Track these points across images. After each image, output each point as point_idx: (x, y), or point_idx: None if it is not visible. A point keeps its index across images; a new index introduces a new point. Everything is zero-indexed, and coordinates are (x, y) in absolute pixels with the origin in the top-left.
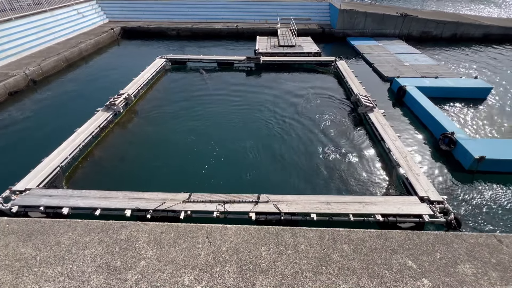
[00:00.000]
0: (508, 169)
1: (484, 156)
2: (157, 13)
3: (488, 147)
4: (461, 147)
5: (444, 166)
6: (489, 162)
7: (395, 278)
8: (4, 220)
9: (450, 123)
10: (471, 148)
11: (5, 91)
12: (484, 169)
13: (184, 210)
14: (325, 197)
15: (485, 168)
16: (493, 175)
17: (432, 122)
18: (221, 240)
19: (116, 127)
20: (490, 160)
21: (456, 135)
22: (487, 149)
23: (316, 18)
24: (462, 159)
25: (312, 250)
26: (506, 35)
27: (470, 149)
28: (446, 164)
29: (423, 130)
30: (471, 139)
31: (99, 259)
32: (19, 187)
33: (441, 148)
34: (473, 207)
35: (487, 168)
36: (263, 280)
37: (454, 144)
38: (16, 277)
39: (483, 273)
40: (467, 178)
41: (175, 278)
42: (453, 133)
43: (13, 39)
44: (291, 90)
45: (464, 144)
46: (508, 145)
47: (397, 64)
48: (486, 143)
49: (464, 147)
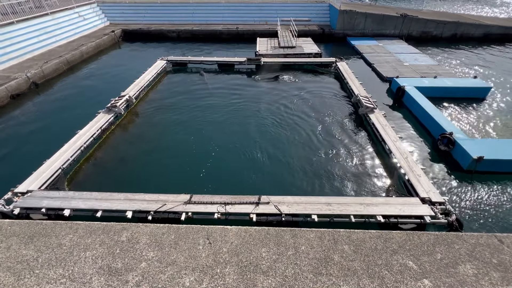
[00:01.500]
0: (506, 169)
1: (483, 156)
2: (158, 16)
3: (486, 147)
4: (460, 147)
5: (443, 167)
6: (488, 162)
7: (396, 278)
8: (6, 222)
9: (448, 123)
10: (469, 148)
11: (7, 94)
12: (482, 169)
13: (185, 212)
14: (326, 198)
15: (483, 168)
16: (492, 175)
17: (430, 122)
18: (221, 242)
19: (117, 129)
20: (488, 160)
21: (454, 135)
22: (486, 149)
23: (316, 19)
24: (460, 159)
25: (313, 251)
26: (506, 34)
27: (468, 149)
28: (445, 164)
29: (421, 130)
30: (470, 139)
31: (101, 260)
32: (21, 189)
33: (439, 148)
34: (471, 207)
35: (486, 169)
36: (264, 281)
37: (452, 144)
38: (18, 279)
39: (484, 273)
40: (466, 178)
41: (176, 280)
42: (452, 133)
43: (15, 42)
44: (292, 91)
45: (462, 144)
46: (506, 145)
47: (396, 64)
48: (485, 143)
49: (462, 148)
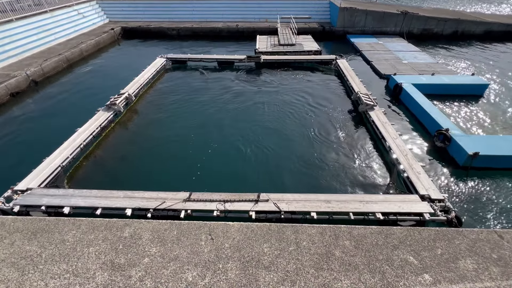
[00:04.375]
0: (501, 165)
1: (478, 152)
2: (157, 13)
3: (482, 144)
4: (456, 143)
5: (439, 163)
6: (483, 158)
7: (397, 273)
8: (9, 218)
9: (445, 119)
10: (465, 144)
11: (6, 92)
12: (478, 165)
13: (184, 209)
14: (325, 196)
15: (479, 164)
16: (488, 171)
17: (427, 118)
18: (223, 237)
19: (117, 126)
20: (484, 156)
21: (450, 131)
22: (481, 145)
23: (316, 16)
24: (456, 155)
25: (314, 247)
26: (508, 32)
27: (464, 145)
28: (441, 160)
29: (418, 127)
30: (466, 136)
31: (104, 256)
32: (20, 187)
33: (436, 144)
34: (466, 202)
35: (481, 164)
36: (266, 276)
37: (448, 140)
38: (22, 275)
39: (484, 268)
40: (462, 174)
41: (179, 275)
42: (448, 129)
43: (14, 40)
44: (292, 89)
45: (458, 140)
46: (502, 141)
47: (395, 62)
48: (481, 139)
49: (458, 144)
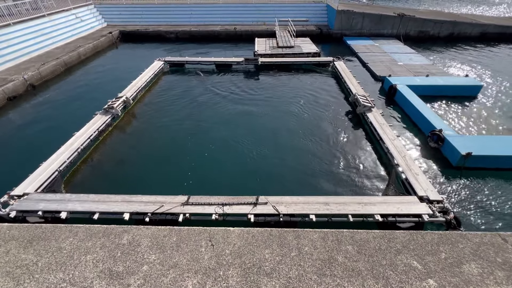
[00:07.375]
0: (494, 165)
1: (471, 152)
2: (155, 17)
3: (475, 144)
4: (449, 144)
5: (433, 163)
6: (476, 159)
7: (401, 279)
8: (4, 226)
9: (439, 120)
10: (458, 144)
11: (4, 96)
12: (471, 165)
13: (182, 213)
14: (324, 198)
15: (472, 164)
16: (480, 171)
17: (421, 119)
18: (224, 243)
19: (115, 130)
20: (476, 157)
21: (444, 132)
22: (474, 145)
23: (313, 19)
24: (449, 155)
25: (316, 252)
26: (503, 33)
27: (457, 145)
28: (435, 161)
29: (413, 128)
30: (459, 136)
31: (101, 264)
32: (17, 192)
33: (429, 145)
34: (460, 202)
35: (474, 165)
36: (268, 283)
37: (442, 141)
38: (17, 284)
39: (489, 272)
40: (455, 174)
41: (179, 283)
42: (441, 130)
43: (12, 44)
44: (289, 91)
45: (451, 141)
46: (494, 142)
47: (390, 63)
48: (474, 139)
49: (451, 144)
